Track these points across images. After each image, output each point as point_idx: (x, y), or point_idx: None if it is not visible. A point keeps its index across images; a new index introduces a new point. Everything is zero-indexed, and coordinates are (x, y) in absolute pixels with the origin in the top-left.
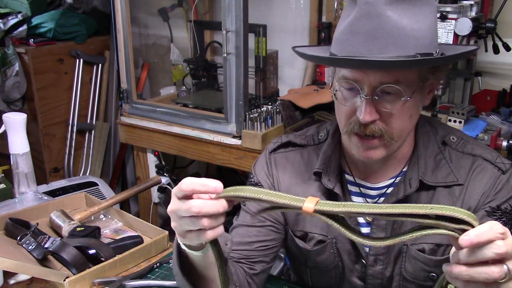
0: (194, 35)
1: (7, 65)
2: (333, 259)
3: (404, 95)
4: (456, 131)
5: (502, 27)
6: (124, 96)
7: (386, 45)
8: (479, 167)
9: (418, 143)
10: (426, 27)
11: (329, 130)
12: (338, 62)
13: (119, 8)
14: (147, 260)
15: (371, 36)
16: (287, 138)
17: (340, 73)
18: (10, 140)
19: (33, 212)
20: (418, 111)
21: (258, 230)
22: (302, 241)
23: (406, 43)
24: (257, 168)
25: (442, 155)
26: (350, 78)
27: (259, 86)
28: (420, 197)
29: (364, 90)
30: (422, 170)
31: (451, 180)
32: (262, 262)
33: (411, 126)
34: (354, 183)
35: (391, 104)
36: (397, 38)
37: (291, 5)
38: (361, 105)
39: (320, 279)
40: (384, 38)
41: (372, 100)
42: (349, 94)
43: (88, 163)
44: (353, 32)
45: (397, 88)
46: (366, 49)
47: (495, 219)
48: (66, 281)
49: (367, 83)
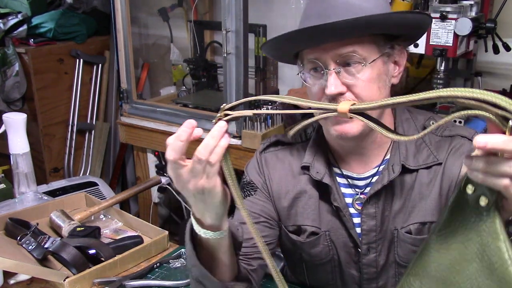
0: (194, 35)
1: (7, 65)
2: (327, 252)
3: (364, 62)
4: (435, 116)
5: (502, 27)
6: (124, 96)
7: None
8: (457, 145)
9: (399, 130)
10: (374, 6)
11: (315, 126)
12: (292, 35)
13: (119, 8)
14: (147, 260)
15: (323, 15)
16: (276, 137)
17: (305, 60)
18: (10, 140)
19: (33, 212)
20: (385, 85)
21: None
22: (296, 235)
23: (357, 16)
24: (249, 168)
25: (422, 139)
26: (312, 58)
27: (259, 86)
28: (404, 181)
29: (327, 65)
30: (404, 155)
31: (431, 160)
32: (259, 259)
33: (381, 97)
34: (342, 175)
35: (354, 73)
36: (348, 13)
37: (291, 5)
38: (326, 80)
39: (316, 274)
40: (336, 16)
41: (336, 73)
42: (315, 75)
43: (88, 163)
44: (308, 15)
45: (356, 56)
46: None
47: None
48: (66, 281)
49: (327, 57)
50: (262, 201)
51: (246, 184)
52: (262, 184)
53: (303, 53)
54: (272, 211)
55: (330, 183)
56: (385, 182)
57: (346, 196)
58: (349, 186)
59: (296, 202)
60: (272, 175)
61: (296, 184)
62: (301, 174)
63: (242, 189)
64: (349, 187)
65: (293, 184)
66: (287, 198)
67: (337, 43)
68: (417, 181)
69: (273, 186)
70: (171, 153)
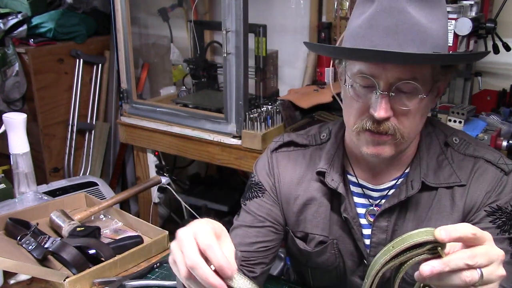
0: (194, 35)
1: (7, 65)
2: (334, 260)
3: (421, 92)
4: (458, 132)
5: (502, 27)
6: (124, 96)
7: (405, 41)
8: (480, 169)
9: (421, 144)
10: (440, 28)
11: (332, 130)
12: (363, 53)
13: (119, 8)
14: (147, 260)
15: (391, 31)
16: (289, 137)
17: (356, 68)
18: (10, 140)
19: (33, 212)
20: (428, 112)
21: (257, 231)
22: (303, 242)
23: (424, 41)
24: (259, 167)
25: (444, 156)
26: (367, 73)
27: (259, 86)
28: (421, 198)
29: (381, 86)
30: (424, 171)
31: (454, 180)
32: (261, 264)
33: (421, 126)
34: (357, 184)
35: (407, 101)
36: (416, 34)
37: (291, 5)
38: (376, 101)
39: (321, 278)
40: (403, 34)
41: (388, 97)
42: (363, 90)
43: (88, 163)
44: (373, 26)
45: (414, 85)
46: (385, 44)
47: (494, 218)
48: (66, 281)
49: (384, 78)
50: (269, 205)
51: (255, 184)
52: (271, 186)
53: (356, 61)
54: (279, 215)
55: (343, 193)
56: (402, 197)
57: (358, 206)
58: (363, 196)
59: (306, 208)
60: (283, 177)
61: (307, 189)
62: (313, 180)
63: (250, 189)
64: (363, 197)
65: (303, 189)
66: (297, 203)
67: (399, 65)
68: (436, 200)
69: (282, 188)
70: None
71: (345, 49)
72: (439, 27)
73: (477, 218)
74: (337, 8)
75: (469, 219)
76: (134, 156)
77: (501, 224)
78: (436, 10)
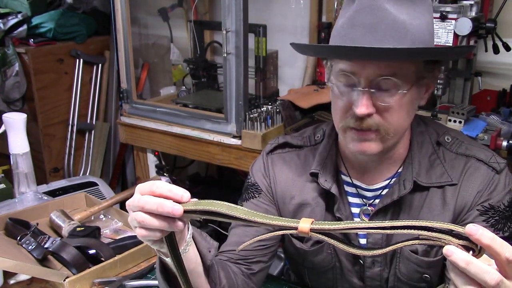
0: (194, 35)
1: (7, 65)
2: (330, 260)
3: (401, 88)
4: (451, 130)
5: (502, 27)
6: (124, 96)
7: (385, 37)
8: (471, 168)
9: (413, 143)
10: (423, 24)
11: (325, 130)
12: (342, 50)
13: (119, 8)
14: (147, 260)
15: (371, 28)
16: (284, 139)
17: (338, 67)
18: (10, 140)
19: (33, 212)
20: (414, 109)
21: (255, 230)
22: (300, 241)
23: (404, 37)
24: (255, 169)
25: (436, 155)
26: (347, 71)
27: (259, 86)
28: (414, 198)
29: (361, 83)
30: (416, 170)
31: (445, 180)
32: (260, 262)
33: (407, 123)
34: (351, 183)
35: (388, 97)
36: (395, 31)
37: (291, 5)
38: (358, 98)
39: (318, 279)
40: (383, 31)
41: (369, 93)
42: (346, 88)
43: (88, 163)
44: (354, 25)
45: (394, 81)
46: (365, 41)
47: (488, 217)
48: (66, 281)
49: (364, 75)
50: (266, 205)
51: (251, 185)
52: (267, 187)
53: (338, 60)
54: (276, 215)
55: (337, 193)
56: (395, 197)
57: (353, 206)
58: (357, 196)
59: (302, 209)
60: (278, 178)
61: (302, 190)
62: (308, 180)
63: (246, 190)
64: (357, 196)
65: (299, 190)
66: (292, 203)
67: (378, 62)
68: (427, 200)
69: (278, 189)
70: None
71: (325, 47)
72: (422, 23)
73: (470, 218)
74: (337, 8)
75: (461, 219)
76: (134, 156)
77: (494, 223)
78: (419, 7)
